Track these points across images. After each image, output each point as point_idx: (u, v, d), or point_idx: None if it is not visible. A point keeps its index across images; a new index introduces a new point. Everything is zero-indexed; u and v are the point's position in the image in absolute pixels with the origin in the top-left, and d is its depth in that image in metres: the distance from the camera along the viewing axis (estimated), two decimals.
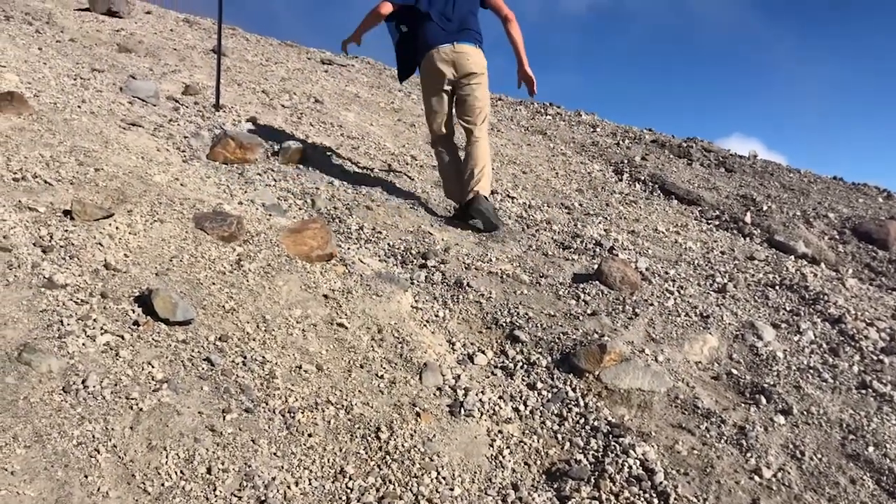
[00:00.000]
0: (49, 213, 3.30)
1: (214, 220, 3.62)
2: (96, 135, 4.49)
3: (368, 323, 3.30)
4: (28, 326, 2.52)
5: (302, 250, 3.71)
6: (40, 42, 6.93)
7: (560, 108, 10.13)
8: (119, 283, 2.93)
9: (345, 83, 8.97)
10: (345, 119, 7.14)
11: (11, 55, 5.79)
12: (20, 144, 3.95)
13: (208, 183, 4.42)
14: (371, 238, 4.31)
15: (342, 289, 3.51)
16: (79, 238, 3.15)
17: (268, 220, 4.01)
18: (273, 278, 3.37)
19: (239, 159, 4.96)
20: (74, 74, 5.94)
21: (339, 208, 4.63)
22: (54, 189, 3.54)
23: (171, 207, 3.69)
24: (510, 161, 6.94)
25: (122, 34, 8.86)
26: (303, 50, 11.43)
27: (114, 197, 3.61)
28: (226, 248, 3.49)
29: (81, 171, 3.83)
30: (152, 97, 5.94)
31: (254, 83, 7.62)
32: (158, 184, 4.00)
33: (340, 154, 5.80)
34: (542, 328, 3.51)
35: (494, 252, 4.37)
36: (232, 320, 2.97)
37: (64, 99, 5.03)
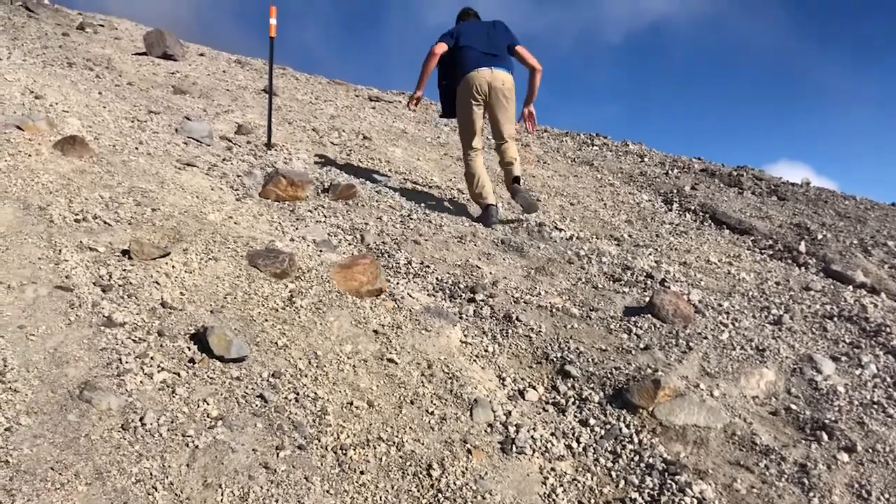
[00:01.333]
0: (108, 252, 3.41)
1: (267, 258, 3.68)
2: (153, 175, 4.63)
3: (418, 358, 3.30)
4: (89, 364, 2.59)
5: (352, 286, 3.74)
6: (100, 86, 7.20)
7: (606, 138, 10.10)
8: (175, 321, 3.00)
9: (392, 119, 9.10)
10: (392, 154, 7.24)
11: (74, 100, 6.02)
12: (81, 186, 4.09)
13: (261, 220, 4.51)
14: (419, 272, 4.33)
15: (392, 324, 3.53)
16: (137, 277, 3.24)
17: (319, 256, 4.07)
18: (324, 314, 3.41)
19: (290, 197, 5.05)
20: (132, 117, 6.15)
21: (387, 243, 4.67)
22: (113, 229, 3.65)
23: (225, 245, 3.77)
24: (557, 193, 6.93)
25: (177, 76, 9.16)
26: (351, 87, 11.65)
27: (170, 236, 3.70)
28: (278, 285, 3.54)
29: (139, 211, 3.95)
30: (206, 137, 6.11)
31: (304, 121, 7.78)
32: (213, 222, 4.10)
33: (389, 189, 5.86)
34: (594, 363, 3.47)
35: (543, 285, 4.35)
36: (284, 356, 3.01)
37: (122, 141, 5.21)
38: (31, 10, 12.13)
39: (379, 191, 5.72)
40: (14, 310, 2.78)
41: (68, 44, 9.53)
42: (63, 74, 7.20)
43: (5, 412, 2.24)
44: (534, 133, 5.75)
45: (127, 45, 11.12)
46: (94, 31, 11.69)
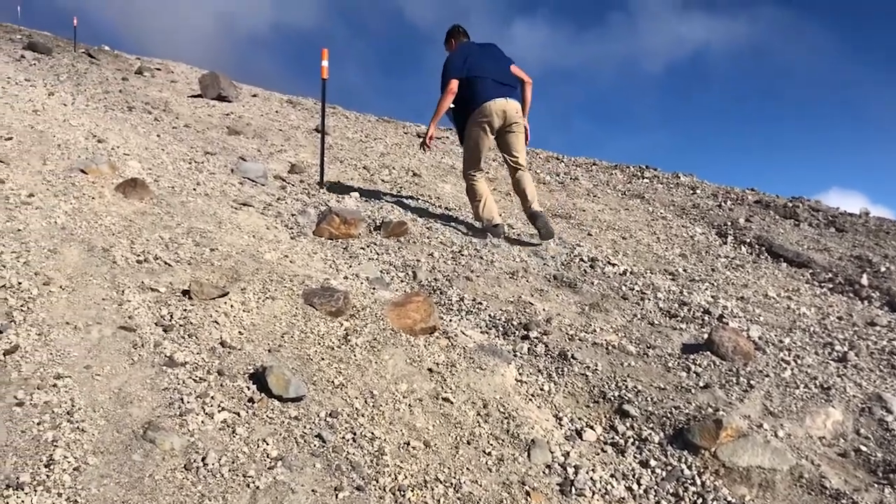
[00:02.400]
0: (169, 293, 3.48)
1: (322, 296, 3.72)
2: (210, 216, 4.74)
3: (473, 397, 3.28)
4: (152, 404, 2.63)
5: (406, 324, 3.75)
6: (159, 129, 7.44)
7: (657, 170, 10.02)
8: (234, 361, 3.04)
9: (440, 155, 9.18)
10: (442, 191, 7.29)
11: (134, 143, 6.22)
12: (143, 228, 4.21)
13: (315, 259, 4.57)
14: (472, 309, 4.32)
15: (446, 362, 3.52)
16: (197, 317, 3.30)
17: (372, 293, 4.09)
18: (379, 352, 3.42)
19: (343, 234, 5.12)
20: (189, 158, 6.32)
21: (439, 280, 4.68)
22: (174, 270, 3.74)
23: (282, 284, 3.82)
24: (609, 227, 6.88)
25: (232, 117, 9.41)
26: (399, 125, 11.81)
27: (228, 276, 3.77)
28: (334, 323, 3.57)
29: (198, 251, 4.04)
30: (261, 177, 6.25)
31: (355, 159, 7.90)
32: (269, 261, 4.16)
33: (439, 225, 5.89)
34: (653, 402, 3.41)
35: (598, 322, 4.30)
36: (341, 395, 3.02)
37: (181, 182, 5.35)
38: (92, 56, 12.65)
39: (430, 227, 5.75)
40: (80, 350, 2.86)
41: (128, 88, 9.89)
42: (123, 118, 7.45)
43: (74, 451, 2.28)
44: (525, 144, 5.82)
45: (183, 87, 11.48)
46: (151, 74, 12.12)
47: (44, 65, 10.13)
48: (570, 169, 9.75)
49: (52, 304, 3.14)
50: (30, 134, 5.46)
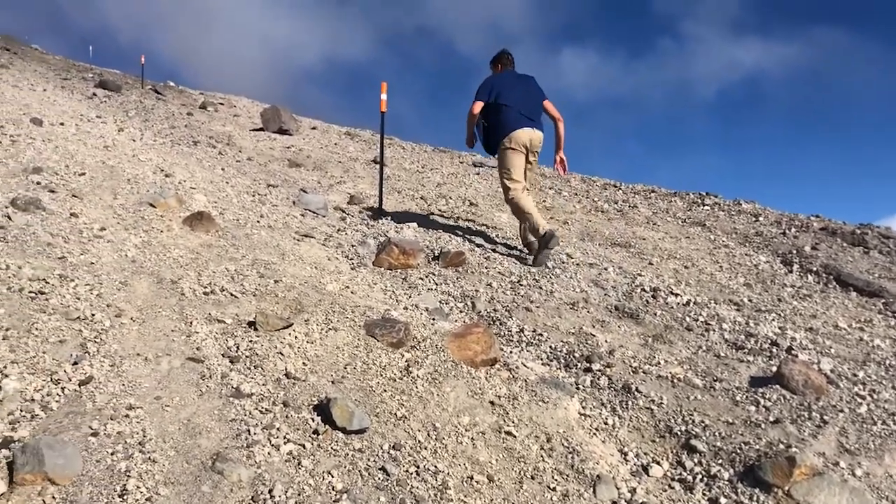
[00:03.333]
0: (235, 324, 3.55)
1: (384, 327, 3.74)
2: (274, 247, 4.83)
3: (536, 431, 3.24)
4: (220, 436, 2.67)
5: (466, 355, 3.74)
6: (223, 163, 7.64)
7: (717, 197, 9.84)
8: (299, 392, 3.07)
9: (496, 185, 9.18)
10: (499, 220, 7.29)
11: (199, 177, 6.40)
12: (209, 260, 4.31)
13: (375, 289, 4.60)
14: (532, 341, 4.29)
15: (508, 395, 3.49)
16: (262, 348, 3.35)
17: (432, 324, 4.10)
18: (440, 384, 3.41)
19: (402, 265, 5.15)
20: (253, 191, 6.47)
21: (498, 310, 4.66)
22: (239, 301, 3.81)
23: (344, 315, 3.86)
24: (670, 255, 6.77)
25: (292, 150, 9.62)
26: (455, 155, 11.89)
27: (292, 307, 3.83)
28: (395, 355, 3.58)
29: (262, 283, 4.11)
30: (321, 209, 6.35)
31: (412, 190, 7.97)
32: (331, 292, 4.21)
33: (497, 255, 5.88)
34: (721, 437, 3.31)
35: (662, 354, 4.21)
36: (404, 428, 3.01)
37: (245, 215, 5.47)
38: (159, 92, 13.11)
39: (487, 257, 5.75)
40: (151, 381, 2.92)
41: (193, 123, 10.20)
42: (189, 152, 7.68)
43: (146, 482, 2.33)
44: (565, 175, 6.50)
45: (245, 121, 11.79)
46: (214, 109, 12.48)
47: (114, 101, 10.54)
48: (628, 196, 9.65)
49: (123, 335, 3.23)
50: (101, 169, 5.67)
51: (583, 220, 7.84)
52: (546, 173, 10.91)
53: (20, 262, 3.63)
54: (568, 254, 6.25)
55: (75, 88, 10.76)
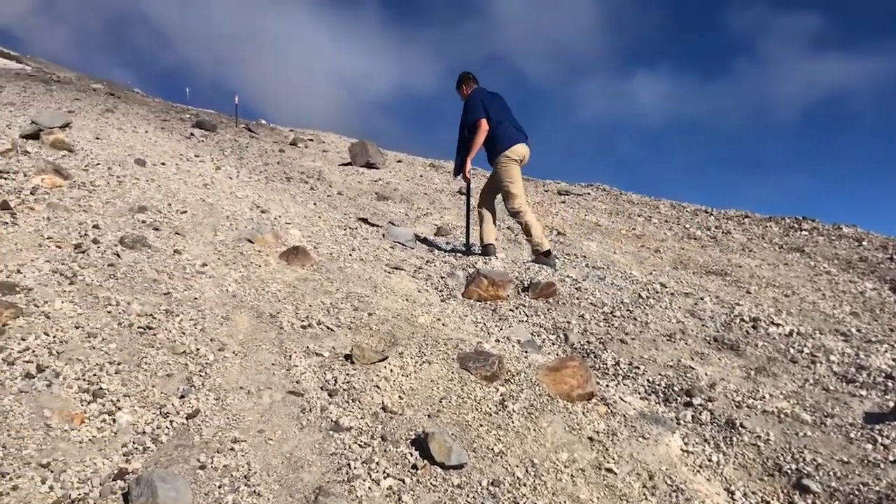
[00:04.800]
0: (332, 357, 3.60)
1: (477, 360, 3.73)
2: (366, 280, 4.90)
3: (638, 468, 3.15)
4: (321, 469, 2.70)
5: (562, 389, 3.68)
6: (315, 197, 7.84)
7: (815, 221, 9.46)
8: (396, 426, 3.08)
9: (584, 212, 9.10)
10: (588, 249, 7.20)
11: (294, 212, 6.58)
12: (305, 294, 4.40)
13: (466, 321, 4.60)
14: (629, 374, 4.18)
15: (606, 430, 3.41)
16: (359, 381, 3.38)
17: (525, 357, 4.06)
18: (537, 419, 3.36)
19: (492, 296, 5.13)
20: (344, 225, 6.60)
21: (592, 342, 4.58)
22: (335, 334, 3.87)
23: (437, 348, 3.86)
24: (768, 283, 6.52)
25: (380, 183, 9.79)
26: (539, 183, 11.85)
27: (386, 340, 3.86)
28: (489, 388, 3.56)
29: (357, 316, 4.17)
30: (410, 241, 6.42)
31: (499, 220, 7.95)
32: (423, 325, 4.23)
33: (588, 285, 5.80)
34: (836, 477, 3.14)
35: (766, 387, 4.04)
36: (501, 464, 2.98)
37: (337, 248, 5.58)
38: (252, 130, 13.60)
39: (579, 287, 5.67)
40: (254, 414, 2.99)
41: (285, 159, 10.52)
42: (283, 188, 7.91)
43: None
44: None
45: (334, 156, 12.09)
46: (304, 145, 12.85)
47: (210, 141, 10.97)
48: (720, 222, 9.39)
49: (226, 369, 3.32)
50: (201, 207, 5.90)
51: (675, 247, 7.66)
52: (634, 200, 10.74)
53: (129, 299, 3.80)
54: (662, 283, 6.10)
55: (174, 129, 11.26)
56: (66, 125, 8.18)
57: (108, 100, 13.24)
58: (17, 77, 14.12)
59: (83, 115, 10.08)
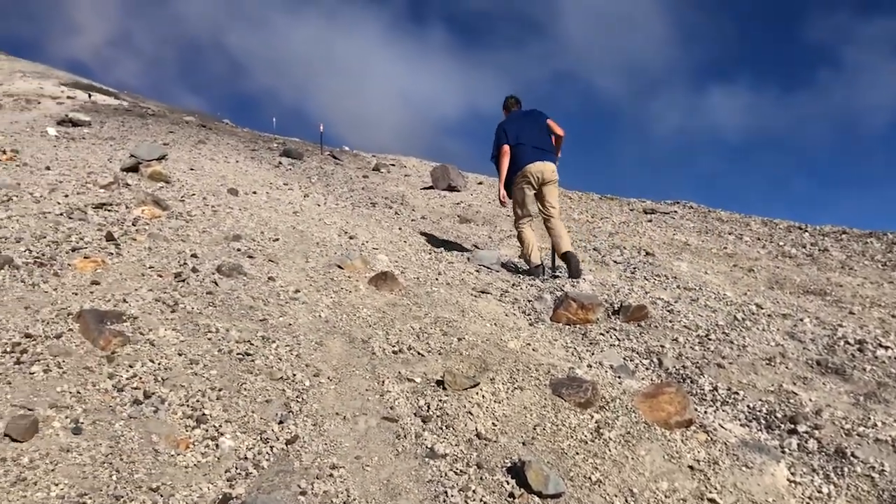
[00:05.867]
0: (424, 383, 3.61)
1: (570, 387, 3.67)
2: (453, 305, 4.91)
3: (743, 499, 3.02)
4: (418, 497, 2.70)
5: (659, 416, 3.58)
6: (399, 222, 7.94)
7: None
8: (491, 454, 3.06)
9: (672, 232, 8.90)
10: (678, 270, 7.02)
11: (380, 237, 6.68)
12: (395, 319, 4.44)
13: (556, 346, 4.55)
14: (728, 400, 4.04)
15: (707, 459, 3.29)
16: (452, 407, 3.38)
17: (619, 383, 3.97)
18: (634, 447, 3.28)
19: (581, 320, 5.06)
20: (429, 249, 6.65)
21: (688, 367, 4.45)
22: (426, 360, 3.89)
23: (528, 374, 3.83)
24: (873, 303, 6.20)
25: (462, 206, 9.84)
26: (623, 202, 11.67)
27: (476, 365, 3.85)
28: (584, 415, 3.49)
29: (446, 341, 4.17)
30: (494, 264, 6.41)
31: (584, 241, 7.88)
32: (513, 350, 4.20)
33: (681, 307, 5.64)
34: None
35: (878, 415, 3.83)
36: (600, 493, 2.91)
37: (424, 273, 5.62)
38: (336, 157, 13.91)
39: (671, 310, 5.52)
40: (350, 440, 3.02)
41: (369, 185, 10.71)
42: (368, 214, 8.05)
43: None
44: None
45: (415, 180, 12.24)
46: (387, 170, 13.06)
47: (297, 169, 11.28)
48: (816, 239, 9.02)
49: (322, 394, 3.38)
50: (292, 234, 6.05)
51: (769, 266, 7.39)
52: (723, 217, 10.45)
53: (228, 325, 3.91)
54: (757, 304, 5.88)
55: (263, 158, 11.64)
56: (162, 157, 8.56)
57: (200, 131, 13.81)
58: (115, 112, 14.91)
59: (178, 147, 10.54)
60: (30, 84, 21.54)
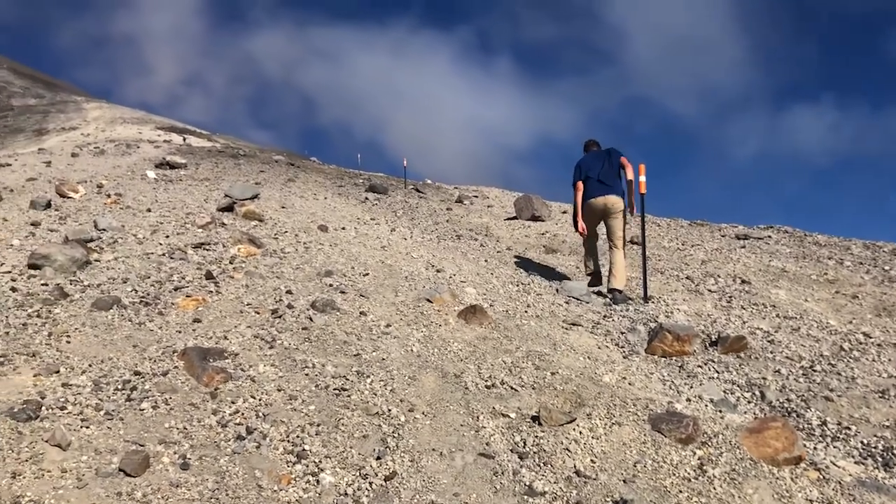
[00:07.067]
0: (519, 418, 3.57)
1: (670, 422, 3.56)
2: (544, 338, 4.86)
3: None
4: None
5: (766, 453, 3.43)
6: (485, 254, 7.95)
7: None
8: (591, 491, 2.99)
9: (767, 258, 8.58)
10: (777, 297, 6.75)
11: (467, 270, 6.69)
12: (486, 353, 4.43)
13: (653, 379, 4.43)
14: (839, 435, 3.84)
15: (821, 499, 3.13)
16: (549, 444, 3.33)
17: (721, 418, 3.83)
18: (740, 485, 3.15)
19: (677, 352, 4.92)
20: (516, 281, 6.62)
21: (793, 400, 4.26)
22: (520, 395, 3.85)
23: (625, 409, 3.74)
24: None
25: (547, 236, 9.77)
26: (714, 227, 11.35)
27: (572, 400, 3.78)
28: (685, 452, 3.38)
29: (539, 375, 4.13)
30: (584, 295, 6.32)
31: (675, 269, 7.69)
32: (608, 384, 4.12)
33: (781, 337, 5.42)
34: None
35: None
36: None
37: (513, 306, 5.59)
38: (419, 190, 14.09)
39: (771, 340, 5.31)
40: (448, 477, 3.01)
41: (453, 217, 10.78)
42: (454, 246, 8.10)
43: None
44: (633, 216, 7.06)
45: (498, 211, 12.24)
46: (469, 202, 13.11)
47: (383, 203, 11.48)
48: None
49: (418, 430, 3.38)
50: (381, 269, 6.14)
51: (875, 292, 7.02)
52: (820, 241, 10.03)
53: (323, 361, 3.99)
54: (865, 333, 5.59)
55: (350, 194, 11.89)
56: (255, 196, 8.87)
57: (289, 170, 14.24)
58: (209, 154, 15.55)
59: (269, 186, 10.90)
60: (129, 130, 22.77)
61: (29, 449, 2.81)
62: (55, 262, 4.99)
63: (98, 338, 3.98)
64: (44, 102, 31.19)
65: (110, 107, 31.34)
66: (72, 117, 27.70)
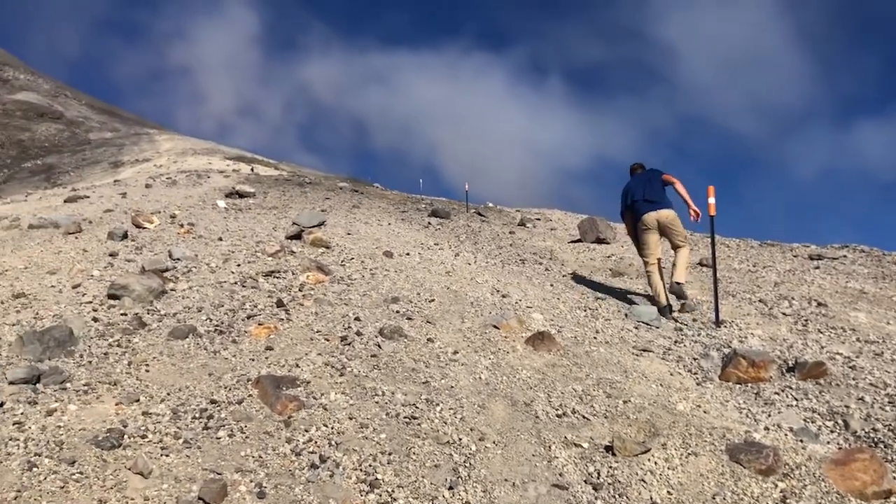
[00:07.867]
0: (592, 448, 3.51)
1: (749, 452, 3.45)
2: (615, 364, 4.78)
3: None
4: None
5: (853, 486, 3.29)
6: (550, 278, 7.89)
7: None
8: None
9: (844, 279, 8.28)
10: (856, 321, 6.50)
11: (532, 295, 6.65)
12: (555, 380, 4.38)
13: (728, 407, 4.30)
14: None
15: None
16: (623, 475, 3.26)
17: (803, 448, 3.69)
18: None
19: (752, 378, 4.77)
20: (583, 305, 6.54)
21: (879, 430, 4.07)
22: (592, 424, 3.79)
23: (701, 438, 3.64)
24: None
25: (613, 259, 9.64)
26: (785, 248, 11.02)
27: (645, 430, 3.71)
28: (766, 484, 3.27)
29: (611, 403, 4.06)
30: (654, 320, 6.21)
31: (747, 292, 7.49)
32: (683, 412, 4.02)
33: (864, 363, 5.20)
34: None
35: None
36: None
37: (581, 331, 5.53)
38: (482, 214, 14.11)
39: (853, 366, 5.10)
40: None
41: (516, 241, 10.75)
42: (518, 271, 8.06)
43: None
44: (695, 218, 7.10)
45: (562, 234, 12.16)
46: (532, 225, 13.07)
47: (445, 228, 11.53)
48: None
49: (489, 459, 3.36)
50: (447, 294, 6.15)
51: None
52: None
53: (393, 388, 4.00)
54: None
55: (413, 220, 11.99)
56: (321, 223, 9.01)
57: (353, 196, 14.45)
58: (276, 182, 15.90)
59: (334, 213, 11.07)
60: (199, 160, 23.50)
61: (113, 476, 2.89)
62: (133, 292, 5.16)
63: (175, 366, 4.09)
64: (119, 136, 32.54)
65: (181, 138, 32.44)
66: (145, 149, 28.75)
